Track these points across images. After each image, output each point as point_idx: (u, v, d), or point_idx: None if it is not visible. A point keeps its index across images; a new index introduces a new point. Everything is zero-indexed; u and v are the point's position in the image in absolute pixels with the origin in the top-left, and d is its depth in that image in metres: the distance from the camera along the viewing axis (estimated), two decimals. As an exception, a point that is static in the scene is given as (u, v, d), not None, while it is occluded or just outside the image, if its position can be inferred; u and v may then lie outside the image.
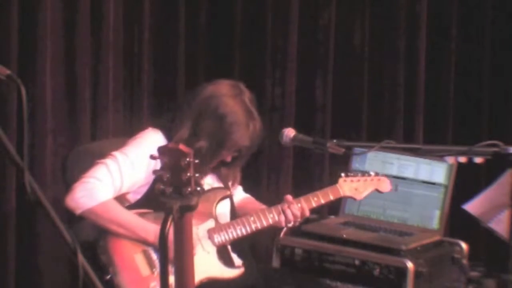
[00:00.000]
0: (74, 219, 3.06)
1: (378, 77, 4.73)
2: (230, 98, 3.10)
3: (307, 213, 3.23)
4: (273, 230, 3.41)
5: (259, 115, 3.16)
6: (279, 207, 3.19)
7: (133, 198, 3.09)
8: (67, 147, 3.71)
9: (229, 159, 3.19)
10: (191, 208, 2.19)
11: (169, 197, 2.17)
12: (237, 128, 3.09)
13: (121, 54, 3.98)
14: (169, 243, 2.13)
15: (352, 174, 3.35)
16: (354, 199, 3.37)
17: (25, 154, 1.94)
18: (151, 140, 3.07)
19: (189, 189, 2.17)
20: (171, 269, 2.21)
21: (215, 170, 3.22)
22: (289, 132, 3.16)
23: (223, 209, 3.22)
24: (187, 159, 2.17)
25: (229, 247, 3.20)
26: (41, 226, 3.67)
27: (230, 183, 3.27)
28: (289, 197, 3.21)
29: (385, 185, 3.42)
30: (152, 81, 4.11)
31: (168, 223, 2.15)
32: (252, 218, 3.15)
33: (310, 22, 4.54)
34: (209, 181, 3.22)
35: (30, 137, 3.62)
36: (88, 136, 3.83)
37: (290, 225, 3.22)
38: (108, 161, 3.01)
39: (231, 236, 3.13)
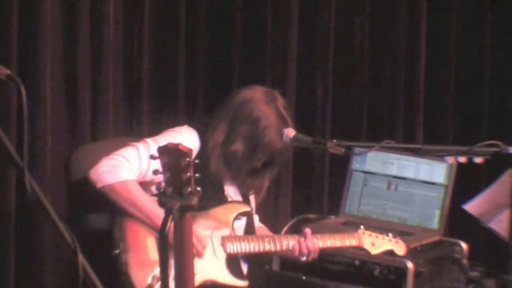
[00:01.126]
0: (89, 206, 3.12)
1: (378, 77, 4.72)
2: (264, 103, 3.19)
3: (317, 254, 3.25)
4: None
5: (292, 121, 3.22)
6: (296, 237, 3.23)
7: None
8: (67, 147, 3.71)
9: (259, 164, 3.22)
10: (191, 208, 2.19)
11: (169, 197, 2.17)
12: (270, 132, 3.15)
13: (121, 54, 3.97)
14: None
15: (371, 230, 3.36)
16: (369, 252, 3.36)
17: (25, 154, 1.94)
18: (185, 137, 3.12)
19: (189, 189, 2.17)
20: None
21: (245, 180, 3.26)
22: (289, 132, 3.16)
23: (238, 226, 3.24)
24: (187, 159, 2.17)
25: (240, 259, 3.21)
26: (41, 226, 3.66)
27: (253, 194, 3.32)
28: (308, 230, 3.25)
29: (401, 249, 3.37)
30: (152, 81, 4.11)
31: (168, 223, 2.15)
32: (267, 239, 3.19)
33: (310, 22, 4.54)
34: (231, 193, 3.26)
35: (30, 137, 3.61)
36: (88, 136, 3.82)
37: (303, 258, 3.24)
38: (140, 145, 3.08)
39: (243, 249, 3.14)
